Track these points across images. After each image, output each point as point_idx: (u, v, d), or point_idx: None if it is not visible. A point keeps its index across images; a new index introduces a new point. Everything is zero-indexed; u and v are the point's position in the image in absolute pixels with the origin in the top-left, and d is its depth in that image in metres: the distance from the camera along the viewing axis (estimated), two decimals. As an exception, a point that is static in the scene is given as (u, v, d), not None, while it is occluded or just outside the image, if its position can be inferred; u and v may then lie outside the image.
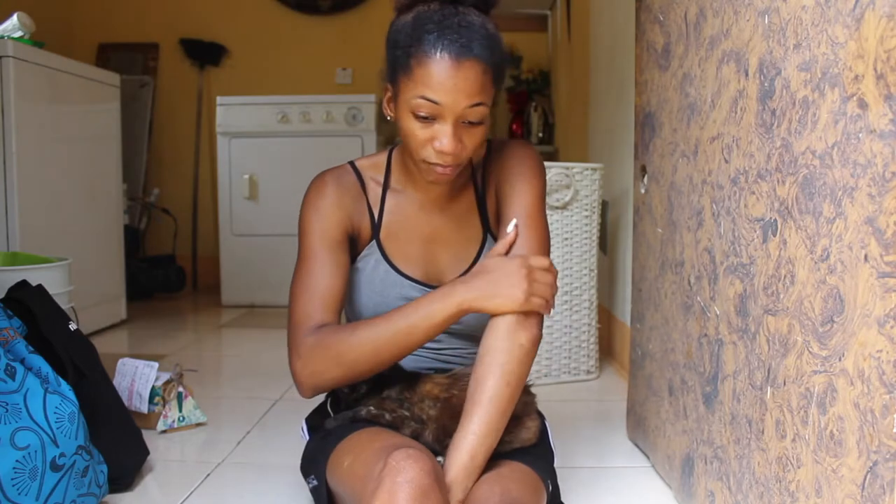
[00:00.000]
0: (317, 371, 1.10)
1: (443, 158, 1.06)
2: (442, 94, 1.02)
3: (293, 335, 1.13)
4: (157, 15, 4.22)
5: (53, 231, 2.59)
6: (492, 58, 1.05)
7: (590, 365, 2.19)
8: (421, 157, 1.08)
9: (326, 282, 1.14)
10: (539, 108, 3.98)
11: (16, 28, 2.45)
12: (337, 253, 1.16)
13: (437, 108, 1.03)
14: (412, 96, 1.04)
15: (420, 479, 0.90)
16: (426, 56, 1.02)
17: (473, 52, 1.02)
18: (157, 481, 1.45)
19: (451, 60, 1.02)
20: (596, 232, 2.16)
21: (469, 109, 1.04)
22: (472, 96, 1.03)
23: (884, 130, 0.70)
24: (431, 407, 1.14)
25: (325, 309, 1.13)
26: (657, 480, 1.45)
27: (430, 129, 1.05)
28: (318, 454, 1.16)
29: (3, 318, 1.27)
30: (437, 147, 1.05)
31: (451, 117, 1.03)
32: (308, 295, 1.13)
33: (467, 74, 1.02)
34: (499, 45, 1.08)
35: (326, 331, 1.10)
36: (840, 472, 0.77)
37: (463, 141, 1.06)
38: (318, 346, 1.09)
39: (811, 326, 0.83)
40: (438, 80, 1.02)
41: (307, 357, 1.10)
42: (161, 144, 4.24)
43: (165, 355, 2.49)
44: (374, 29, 4.05)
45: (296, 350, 1.11)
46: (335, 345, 1.08)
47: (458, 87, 1.02)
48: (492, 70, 1.05)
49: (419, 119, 1.05)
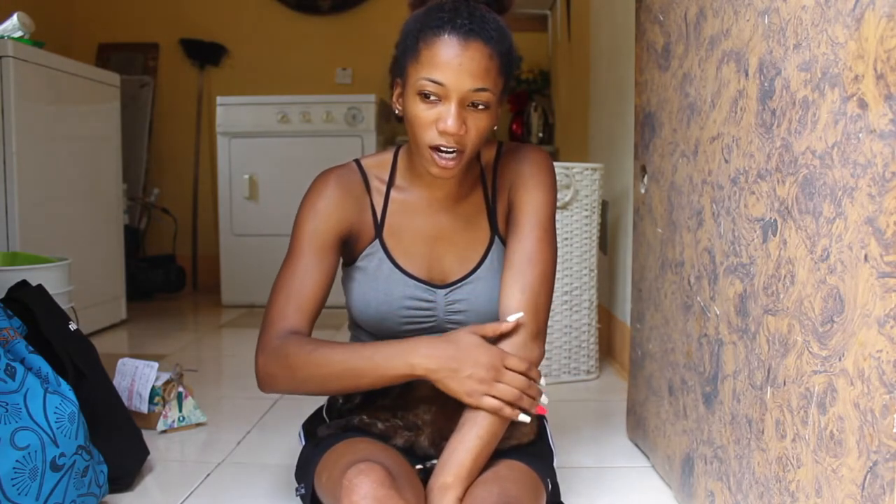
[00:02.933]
0: (270, 374, 1.14)
1: (446, 139, 1.06)
2: (447, 74, 1.04)
3: (263, 331, 1.16)
4: (157, 15, 4.22)
5: (53, 231, 2.59)
6: (499, 46, 1.06)
7: (590, 365, 2.19)
8: (425, 142, 1.08)
9: (308, 285, 1.16)
10: (539, 108, 3.97)
11: (16, 28, 2.45)
12: (324, 256, 1.17)
13: (441, 89, 1.04)
14: (418, 79, 1.06)
15: (375, 492, 0.92)
16: (434, 38, 1.05)
17: (480, 35, 1.04)
18: (157, 481, 1.45)
19: (458, 41, 1.04)
20: (596, 232, 2.16)
21: (474, 93, 1.05)
22: (477, 78, 1.04)
23: (884, 130, 0.70)
24: (426, 411, 1.14)
25: (300, 313, 1.15)
26: (657, 480, 1.45)
27: (435, 111, 1.06)
28: (309, 462, 1.17)
29: (3, 318, 1.27)
30: (441, 128, 1.05)
31: (455, 97, 1.04)
32: (286, 295, 1.15)
33: (473, 55, 1.04)
34: (508, 38, 1.09)
35: (291, 340, 1.12)
36: (840, 472, 0.77)
37: (467, 125, 1.06)
38: (279, 352, 1.12)
39: (811, 326, 0.83)
40: (444, 60, 1.04)
41: (267, 358, 1.13)
42: (161, 144, 4.24)
43: (165, 355, 2.49)
44: (374, 29, 4.05)
45: (262, 347, 1.15)
46: (292, 357, 1.10)
47: (463, 68, 1.03)
48: (498, 58, 1.06)
49: (424, 100, 1.06)
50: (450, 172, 1.10)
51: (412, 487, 1.01)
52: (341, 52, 4.19)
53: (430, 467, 1.09)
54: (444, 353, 1.05)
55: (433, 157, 1.08)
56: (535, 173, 1.19)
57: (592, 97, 2.92)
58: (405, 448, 1.14)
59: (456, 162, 1.08)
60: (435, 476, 1.05)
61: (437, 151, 1.07)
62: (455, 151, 1.07)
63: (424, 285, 1.18)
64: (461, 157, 1.08)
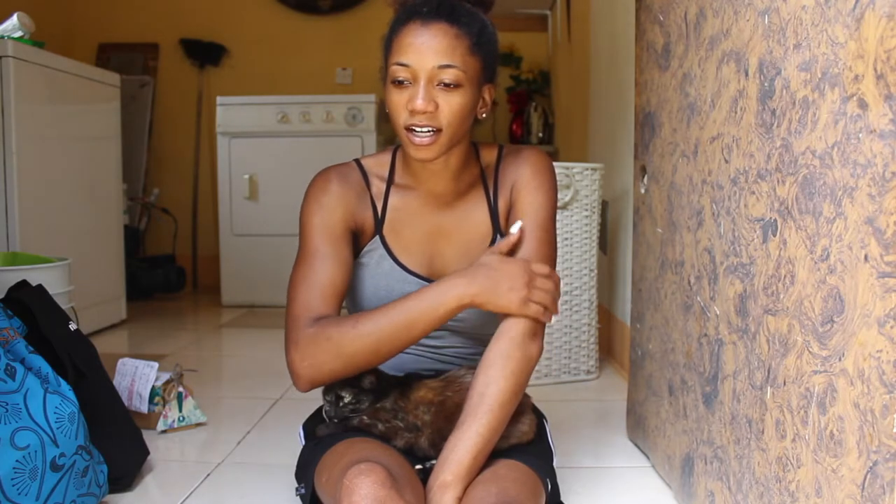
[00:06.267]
0: (315, 363, 1.09)
1: (418, 119, 1.08)
2: (411, 55, 1.07)
3: (292, 327, 1.12)
4: (157, 15, 4.22)
5: (53, 231, 2.59)
6: (467, 26, 1.09)
7: (590, 365, 2.19)
8: (401, 125, 1.10)
9: (327, 275, 1.14)
10: (539, 108, 3.98)
11: (16, 28, 2.45)
12: (338, 246, 1.16)
13: (409, 71, 1.08)
14: (389, 66, 1.10)
15: (375, 492, 0.92)
16: (401, 28, 1.10)
17: (444, 17, 1.08)
18: (157, 481, 1.45)
19: (421, 23, 1.08)
20: (596, 232, 2.16)
21: (440, 70, 1.07)
22: (441, 55, 1.07)
23: (884, 130, 0.70)
24: (426, 412, 1.14)
25: (325, 302, 1.12)
26: (657, 480, 1.45)
27: (406, 93, 1.09)
28: (309, 462, 1.17)
29: (3, 318, 1.27)
30: (410, 107, 1.08)
31: (422, 77, 1.07)
32: (308, 287, 1.13)
33: (435, 34, 1.07)
34: (479, 20, 1.12)
35: (327, 322, 1.10)
36: (840, 472, 0.77)
37: (437, 102, 1.08)
38: (318, 337, 1.09)
39: (811, 326, 0.83)
40: (408, 42, 1.08)
41: (306, 348, 1.09)
42: (161, 144, 4.24)
43: (165, 355, 2.49)
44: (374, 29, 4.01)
45: (294, 342, 1.10)
46: (335, 336, 1.08)
47: (425, 46, 1.07)
48: (467, 37, 1.09)
49: (397, 86, 1.09)
50: (428, 151, 1.10)
51: (412, 488, 1.01)
52: (341, 52, 4.19)
53: (430, 467, 1.09)
54: (482, 278, 1.09)
55: (409, 138, 1.10)
56: (536, 175, 1.20)
57: (592, 97, 2.92)
58: (405, 449, 1.14)
59: (431, 139, 1.09)
60: (434, 475, 1.05)
61: (412, 132, 1.09)
62: (430, 130, 1.09)
63: (425, 282, 1.19)
64: (438, 137, 1.10)
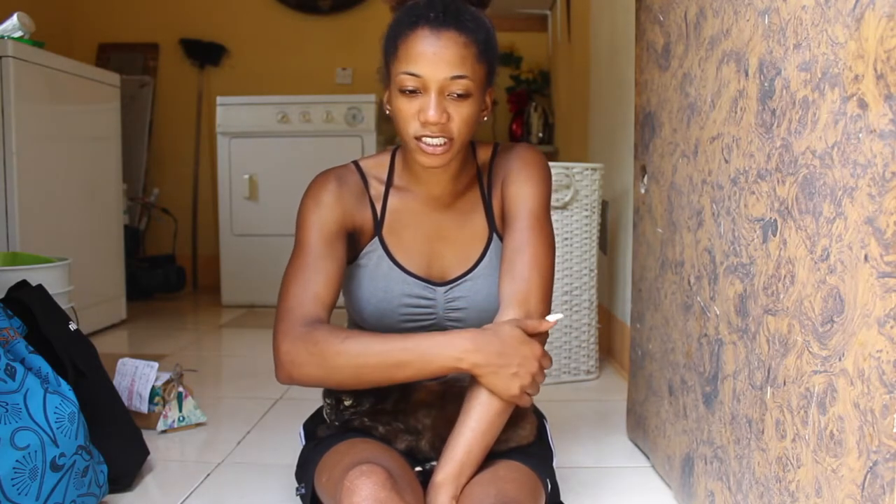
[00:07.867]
0: (297, 362, 1.07)
1: (429, 129, 1.07)
2: (423, 66, 1.05)
3: (284, 318, 1.10)
4: (157, 15, 4.22)
5: (53, 231, 2.59)
6: (475, 34, 1.08)
7: (590, 365, 2.19)
8: (410, 134, 1.09)
9: (322, 275, 1.12)
10: (539, 108, 3.97)
11: (16, 28, 2.45)
12: (334, 247, 1.15)
13: (419, 81, 1.06)
14: (397, 74, 1.07)
15: (376, 493, 0.92)
16: (409, 33, 1.07)
17: (453, 25, 1.06)
18: (157, 481, 1.45)
19: (431, 32, 1.06)
20: (596, 232, 2.16)
21: (451, 81, 1.06)
22: (453, 66, 1.05)
23: (884, 130, 0.70)
24: (426, 416, 1.14)
25: (319, 302, 1.11)
26: (657, 480, 1.45)
27: (417, 103, 1.08)
28: (309, 462, 1.17)
29: (3, 318, 1.27)
30: (422, 118, 1.07)
31: (434, 88, 1.06)
32: (301, 284, 1.12)
33: (447, 44, 1.06)
34: (484, 26, 1.11)
35: (320, 327, 1.08)
36: (840, 472, 0.77)
37: (449, 113, 1.07)
38: (307, 339, 1.07)
39: (811, 326, 0.83)
40: (419, 52, 1.06)
41: (293, 345, 1.07)
42: (161, 144, 4.24)
43: (165, 355, 2.49)
44: (374, 29, 4.00)
45: (284, 333, 1.08)
46: (323, 344, 1.05)
47: (437, 57, 1.05)
48: (475, 45, 1.08)
49: (406, 95, 1.08)
50: (439, 160, 1.10)
51: (413, 490, 1.01)
52: (341, 52, 4.19)
53: (430, 469, 1.09)
54: (491, 349, 1.03)
55: (419, 147, 1.09)
56: (524, 167, 1.20)
57: (592, 97, 2.92)
58: (405, 452, 1.14)
59: (444, 149, 1.09)
60: (433, 475, 1.05)
61: (423, 141, 1.08)
62: (442, 140, 1.08)
63: (424, 283, 1.19)
64: (450, 146, 1.09)
